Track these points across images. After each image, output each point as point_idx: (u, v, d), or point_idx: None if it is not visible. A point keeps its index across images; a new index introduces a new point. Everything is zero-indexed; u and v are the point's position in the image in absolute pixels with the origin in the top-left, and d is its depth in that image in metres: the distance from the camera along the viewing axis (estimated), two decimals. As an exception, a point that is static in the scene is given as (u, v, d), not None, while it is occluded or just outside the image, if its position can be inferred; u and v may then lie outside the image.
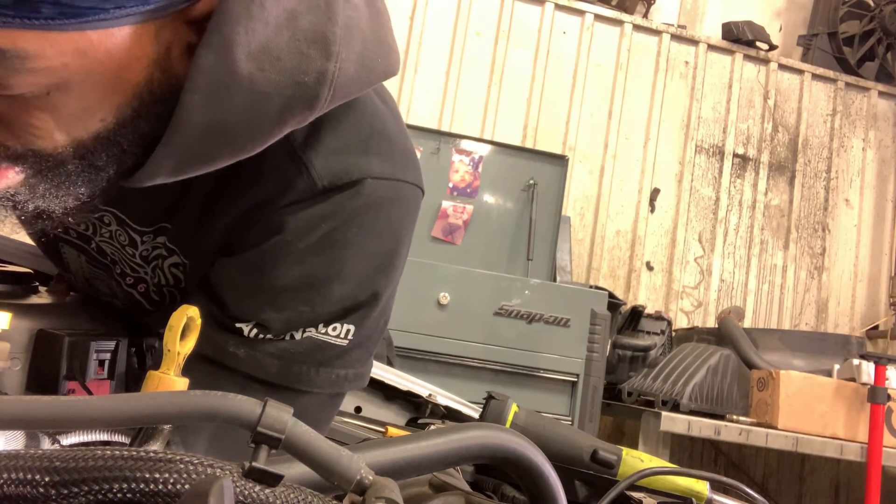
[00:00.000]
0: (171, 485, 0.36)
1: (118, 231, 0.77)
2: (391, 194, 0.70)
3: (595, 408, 2.63)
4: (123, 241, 0.77)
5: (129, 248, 0.77)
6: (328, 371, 0.70)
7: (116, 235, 0.77)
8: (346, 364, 0.71)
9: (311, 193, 0.66)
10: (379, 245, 0.70)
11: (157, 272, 0.77)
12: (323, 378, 0.70)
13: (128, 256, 0.78)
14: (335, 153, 0.67)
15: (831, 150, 4.02)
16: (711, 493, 0.80)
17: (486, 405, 0.84)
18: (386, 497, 0.37)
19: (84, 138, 0.56)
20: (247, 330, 0.67)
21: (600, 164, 3.71)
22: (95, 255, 0.81)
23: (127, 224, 0.75)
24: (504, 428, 0.53)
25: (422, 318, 2.49)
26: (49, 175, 0.56)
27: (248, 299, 0.68)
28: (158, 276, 0.77)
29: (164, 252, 0.75)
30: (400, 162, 0.72)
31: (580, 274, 3.60)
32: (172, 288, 0.78)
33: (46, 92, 0.52)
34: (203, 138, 0.58)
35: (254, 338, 0.67)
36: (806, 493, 3.72)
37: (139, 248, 0.76)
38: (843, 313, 3.93)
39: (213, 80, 0.55)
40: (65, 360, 0.56)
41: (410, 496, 0.58)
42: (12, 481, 0.35)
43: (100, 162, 0.57)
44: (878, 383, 2.57)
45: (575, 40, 3.74)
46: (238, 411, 0.37)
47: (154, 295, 0.79)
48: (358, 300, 0.69)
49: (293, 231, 0.66)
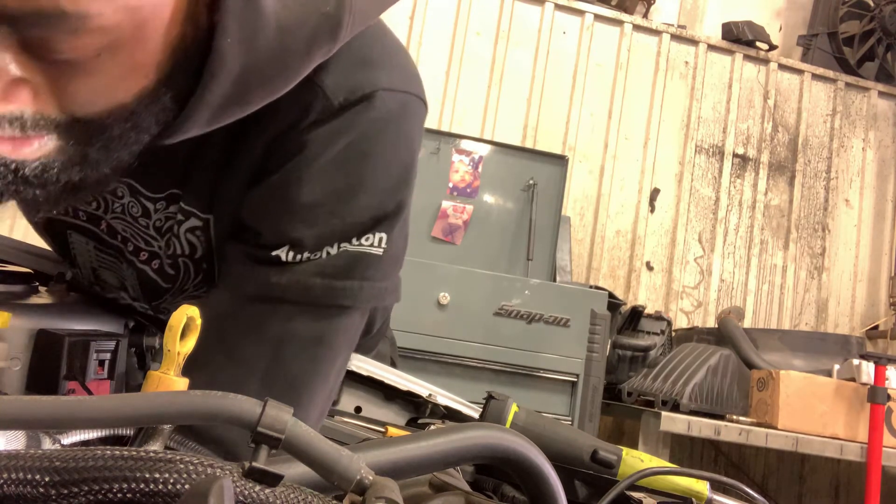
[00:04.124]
0: (171, 485, 0.36)
1: (131, 203, 0.77)
2: (402, 106, 0.72)
3: (595, 408, 2.63)
4: (136, 213, 0.77)
5: (142, 220, 0.77)
6: (371, 284, 0.72)
7: (129, 208, 0.77)
8: (384, 276, 0.74)
9: (328, 112, 0.68)
10: (397, 155, 0.73)
11: (173, 242, 0.77)
12: (367, 291, 0.72)
13: (141, 229, 0.78)
14: (346, 71, 0.70)
15: (831, 150, 4.02)
16: (711, 493, 0.80)
17: (486, 405, 0.84)
18: (386, 497, 0.37)
19: (128, 100, 0.55)
20: (284, 254, 0.69)
21: (600, 164, 3.71)
22: (105, 236, 0.81)
23: (140, 193, 0.76)
24: (504, 428, 0.53)
25: (422, 318, 2.49)
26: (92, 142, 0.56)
27: (279, 221, 0.69)
28: (173, 246, 0.78)
29: (181, 217, 0.76)
30: (407, 76, 0.75)
31: (580, 274, 3.60)
32: (187, 258, 0.79)
33: (96, 54, 0.51)
34: (238, 83, 0.59)
35: (292, 261, 0.69)
36: (806, 493, 3.72)
37: (152, 218, 0.77)
38: (843, 313, 3.93)
39: (242, 22, 0.56)
40: (65, 360, 0.56)
41: (410, 496, 0.58)
42: (12, 481, 0.35)
43: (144, 123, 0.58)
44: (878, 383, 2.57)
45: (575, 40, 3.74)
46: (238, 411, 0.37)
47: (169, 269, 0.80)
48: (385, 210, 0.72)
49: (314, 149, 0.68)
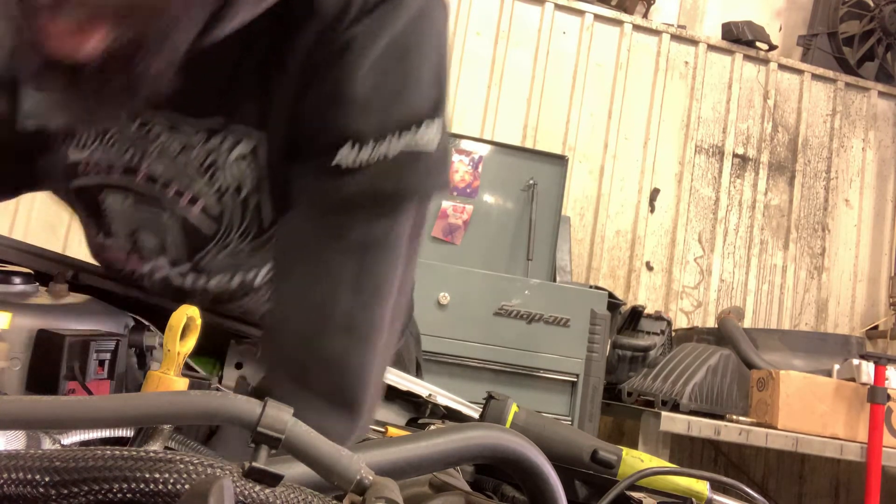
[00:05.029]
0: (171, 485, 0.36)
1: (169, 140, 0.77)
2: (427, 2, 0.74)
3: (595, 408, 2.63)
4: (176, 149, 0.78)
5: (182, 157, 0.77)
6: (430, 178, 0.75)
7: (167, 147, 0.78)
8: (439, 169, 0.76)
9: (366, 9, 0.70)
10: (434, 50, 0.75)
11: (218, 177, 0.77)
12: (433, 180, 0.75)
13: (181, 168, 0.78)
14: None
15: (831, 150, 4.03)
16: (711, 493, 0.80)
17: (486, 405, 0.84)
18: (386, 497, 0.37)
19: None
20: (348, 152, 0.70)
21: (600, 164, 3.71)
22: (144, 187, 0.80)
23: (180, 126, 0.76)
24: (504, 428, 0.53)
25: (422, 318, 2.47)
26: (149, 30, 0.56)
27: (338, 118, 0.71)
28: (219, 182, 0.78)
29: (228, 144, 0.76)
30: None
31: (580, 274, 3.60)
32: (233, 196, 0.79)
33: None
34: None
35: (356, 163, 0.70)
36: (806, 493, 3.72)
37: (193, 153, 0.77)
38: (842, 313, 3.93)
39: None
40: (65, 360, 0.56)
41: (410, 496, 0.58)
42: (12, 481, 0.35)
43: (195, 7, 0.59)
44: (878, 383, 2.57)
45: (575, 40, 3.74)
46: (238, 411, 0.37)
47: (213, 209, 0.79)
48: (434, 100, 0.74)
49: (361, 45, 0.70)
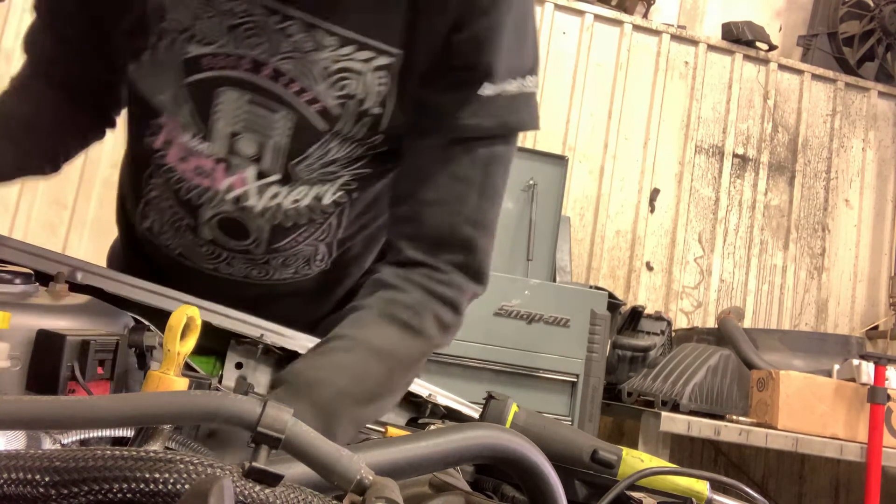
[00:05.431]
0: (171, 485, 0.36)
1: (303, 38, 0.82)
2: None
3: (595, 408, 2.63)
4: (308, 48, 0.83)
5: (312, 55, 0.83)
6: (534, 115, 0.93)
7: (300, 45, 0.82)
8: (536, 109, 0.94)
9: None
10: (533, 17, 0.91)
11: (345, 83, 0.84)
12: (533, 119, 0.93)
13: (308, 68, 0.83)
14: None
15: (831, 151, 4.03)
16: (711, 493, 0.80)
17: (486, 405, 0.84)
18: (386, 497, 0.37)
19: None
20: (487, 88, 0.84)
21: (600, 164, 3.71)
22: (267, 82, 0.84)
23: (318, 27, 0.82)
24: (504, 428, 0.53)
25: (422, 318, 2.49)
26: None
27: (489, 59, 0.84)
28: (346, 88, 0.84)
29: (364, 56, 0.83)
30: None
31: (580, 274, 3.60)
32: (357, 103, 0.85)
33: None
34: None
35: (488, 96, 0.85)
36: (806, 493, 3.72)
37: (323, 55, 0.83)
38: (842, 313, 3.93)
39: None
40: (65, 360, 0.56)
41: (410, 496, 0.58)
42: (12, 481, 0.35)
43: None
44: (878, 383, 2.58)
45: (575, 40, 3.74)
46: (238, 411, 0.37)
47: (332, 109, 0.85)
48: (535, 57, 0.91)
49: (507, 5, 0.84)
